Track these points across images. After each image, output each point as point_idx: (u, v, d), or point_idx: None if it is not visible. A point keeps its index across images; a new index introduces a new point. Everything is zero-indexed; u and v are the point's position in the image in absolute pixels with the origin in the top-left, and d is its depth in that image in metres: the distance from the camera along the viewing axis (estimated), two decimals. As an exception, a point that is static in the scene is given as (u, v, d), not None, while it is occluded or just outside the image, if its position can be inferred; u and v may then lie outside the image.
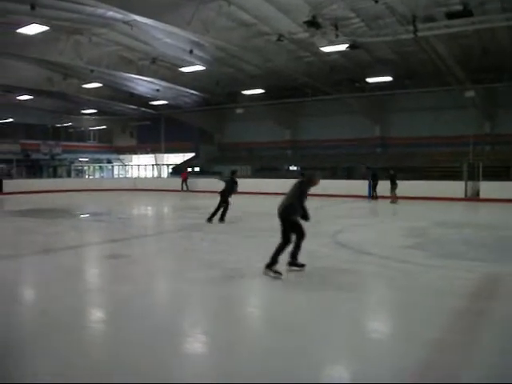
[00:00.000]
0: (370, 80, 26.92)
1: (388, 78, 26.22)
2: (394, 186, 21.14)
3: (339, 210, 19.47)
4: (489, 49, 22.48)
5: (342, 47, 20.30)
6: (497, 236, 11.50)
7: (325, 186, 22.75)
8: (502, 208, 19.17)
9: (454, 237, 11.40)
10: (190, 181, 31.65)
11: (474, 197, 22.37)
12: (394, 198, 21.16)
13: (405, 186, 21.64)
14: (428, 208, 19.25)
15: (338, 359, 4.36)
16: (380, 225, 14.41)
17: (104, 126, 46.54)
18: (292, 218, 6.98)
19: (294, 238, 7.05)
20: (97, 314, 5.70)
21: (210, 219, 13.14)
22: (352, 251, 9.27)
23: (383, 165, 28.57)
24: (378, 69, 25.66)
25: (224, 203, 13.25)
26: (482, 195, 22.11)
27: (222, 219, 13.26)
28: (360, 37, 19.90)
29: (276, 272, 6.87)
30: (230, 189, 13.26)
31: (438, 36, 19.04)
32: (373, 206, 21.58)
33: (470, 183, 22.63)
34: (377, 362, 4.17)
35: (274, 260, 6.91)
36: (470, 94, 26.41)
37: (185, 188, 31.38)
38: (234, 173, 13.67)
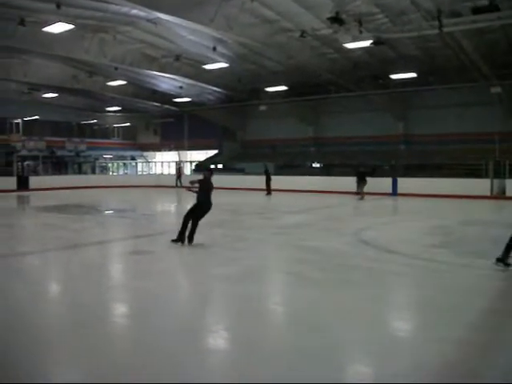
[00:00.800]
0: (393, 76, 26.58)
1: (412, 75, 25.84)
2: (362, 184, 21.96)
3: (361, 207, 19.35)
4: (515, 44, 22.05)
5: (366, 43, 20.03)
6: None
7: (347, 183, 22.86)
8: (529, 206, 18.80)
9: (481, 235, 11.23)
10: (183, 177, 31.58)
11: (500, 195, 22.00)
12: (361, 195, 21.91)
13: (429, 184, 21.37)
14: (453, 206, 19.01)
15: (360, 358, 4.33)
16: (404, 223, 14.26)
17: (128, 123, 46.90)
18: None
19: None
20: (119, 310, 5.77)
21: (177, 240, 9.43)
22: (376, 249, 9.19)
23: (408, 162, 28.34)
24: (401, 65, 25.34)
25: (200, 211, 9.45)
26: (509, 193, 21.73)
27: (190, 239, 9.44)
28: (384, 33, 19.63)
29: (508, 264, 6.97)
30: (208, 195, 9.50)
31: (463, 31, 18.70)
32: (395, 203, 21.40)
33: (495, 181, 22.25)
34: (398, 360, 4.14)
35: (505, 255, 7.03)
36: (497, 90, 25.85)
37: (179, 184, 31.26)
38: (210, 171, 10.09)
